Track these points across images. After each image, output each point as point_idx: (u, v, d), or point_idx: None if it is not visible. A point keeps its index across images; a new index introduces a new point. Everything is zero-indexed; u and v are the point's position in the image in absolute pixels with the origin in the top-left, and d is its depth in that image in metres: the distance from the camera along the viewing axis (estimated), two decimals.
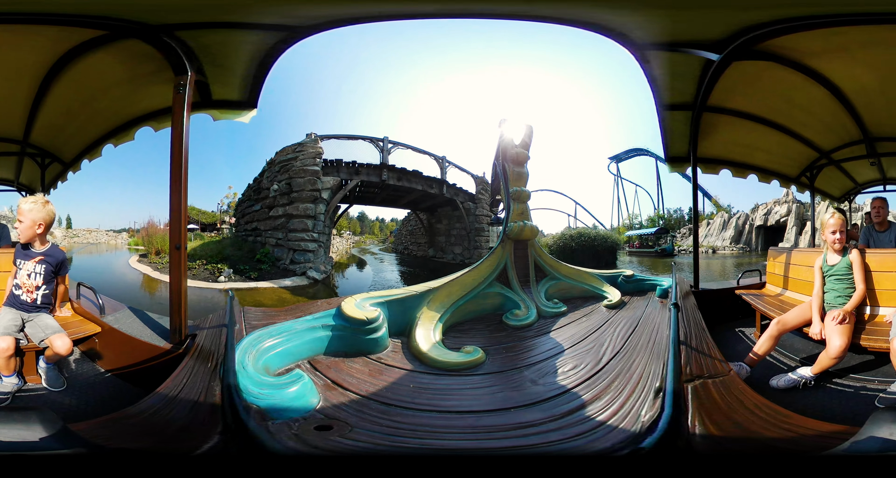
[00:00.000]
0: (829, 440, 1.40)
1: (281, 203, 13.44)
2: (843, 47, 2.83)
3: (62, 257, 2.72)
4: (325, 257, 13.81)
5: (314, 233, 13.02)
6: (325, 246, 13.92)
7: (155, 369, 2.28)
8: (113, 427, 1.56)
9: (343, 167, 14.15)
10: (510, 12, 2.72)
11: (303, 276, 12.34)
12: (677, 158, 4.21)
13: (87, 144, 4.10)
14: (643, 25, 2.73)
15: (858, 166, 4.87)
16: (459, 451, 1.54)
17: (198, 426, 1.51)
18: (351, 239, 41.34)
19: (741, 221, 27.50)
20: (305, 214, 12.95)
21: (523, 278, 3.73)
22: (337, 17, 2.62)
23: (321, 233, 13.32)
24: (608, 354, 2.49)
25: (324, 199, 13.19)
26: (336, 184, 13.64)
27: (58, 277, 2.73)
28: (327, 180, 13.42)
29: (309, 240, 13.01)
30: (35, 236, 2.60)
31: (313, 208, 13.10)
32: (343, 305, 2.50)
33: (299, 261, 12.80)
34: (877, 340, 2.49)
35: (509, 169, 3.84)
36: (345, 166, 14.18)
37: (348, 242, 35.96)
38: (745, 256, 24.86)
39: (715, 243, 27.88)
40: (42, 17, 2.46)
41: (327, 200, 13.30)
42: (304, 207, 12.97)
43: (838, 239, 2.85)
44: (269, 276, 12.21)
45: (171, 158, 2.59)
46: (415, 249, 25.00)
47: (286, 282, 11.89)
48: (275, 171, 13.92)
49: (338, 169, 13.99)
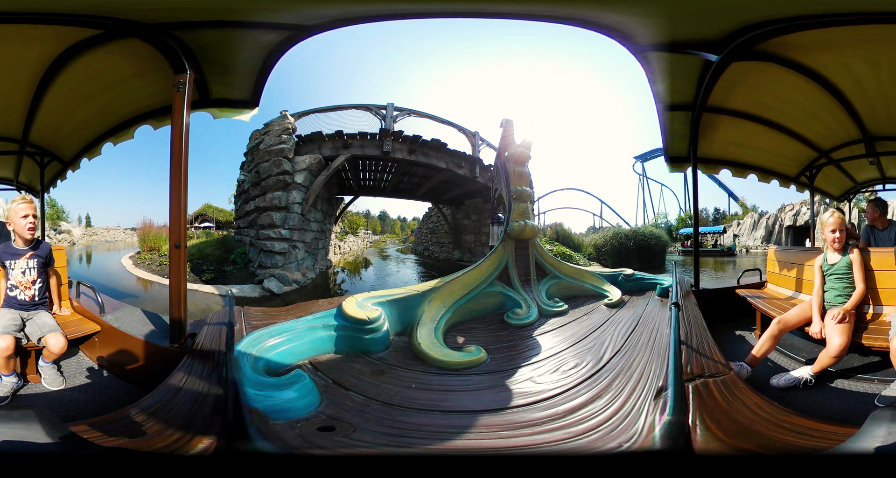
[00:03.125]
0: (830, 440, 1.40)
1: (253, 195, 11.02)
2: (842, 47, 2.83)
3: (49, 248, 2.80)
4: (306, 261, 11.02)
5: (283, 229, 10.10)
6: (308, 246, 11.09)
7: (155, 369, 2.28)
8: (112, 426, 1.55)
9: (325, 141, 10.68)
10: (511, 12, 2.72)
11: (259, 285, 9.72)
12: (677, 157, 4.22)
13: (86, 142, 4.10)
14: (643, 25, 2.73)
15: (858, 166, 4.87)
16: (462, 450, 1.54)
17: (198, 426, 1.50)
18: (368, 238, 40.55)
19: (771, 222, 27.74)
20: (272, 205, 10.16)
21: (524, 277, 3.73)
22: (339, 17, 2.62)
23: (297, 229, 10.36)
24: (609, 353, 2.50)
25: (299, 184, 10.21)
26: (315, 163, 10.36)
27: (49, 269, 2.79)
28: (301, 160, 10.27)
29: (276, 238, 10.12)
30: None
31: (283, 197, 10.15)
32: (344, 304, 2.50)
33: (266, 265, 10.17)
34: (877, 339, 2.49)
35: (510, 168, 3.84)
36: (328, 140, 10.68)
37: (365, 242, 34.96)
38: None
39: (747, 243, 28.08)
40: (42, 17, 2.45)
41: (304, 185, 10.31)
42: (270, 196, 10.19)
43: (837, 238, 2.85)
44: (225, 279, 10.26)
45: (170, 157, 2.58)
46: (436, 251, 21.01)
47: (234, 289, 9.56)
48: (248, 160, 11.69)
49: (319, 145, 10.63)
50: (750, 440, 1.46)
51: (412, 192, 16.18)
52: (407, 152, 11.29)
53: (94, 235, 29.25)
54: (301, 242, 10.63)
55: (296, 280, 10.12)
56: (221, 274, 10.45)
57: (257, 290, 9.50)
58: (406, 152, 11.29)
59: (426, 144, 11.56)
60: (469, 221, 16.41)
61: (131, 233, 29.03)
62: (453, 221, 18.26)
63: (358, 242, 30.33)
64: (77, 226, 30.49)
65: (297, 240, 10.49)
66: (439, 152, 12.02)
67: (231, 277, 10.39)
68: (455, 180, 13.50)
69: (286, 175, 10.14)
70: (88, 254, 19.04)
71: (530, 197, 3.93)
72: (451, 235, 18.62)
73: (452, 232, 18.43)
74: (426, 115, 11.78)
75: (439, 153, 12.03)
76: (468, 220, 16.46)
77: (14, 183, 4.76)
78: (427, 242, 23.61)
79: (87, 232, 29.34)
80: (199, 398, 1.71)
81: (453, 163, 12.36)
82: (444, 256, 19.20)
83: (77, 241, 26.38)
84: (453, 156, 12.32)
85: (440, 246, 20.46)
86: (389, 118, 10.87)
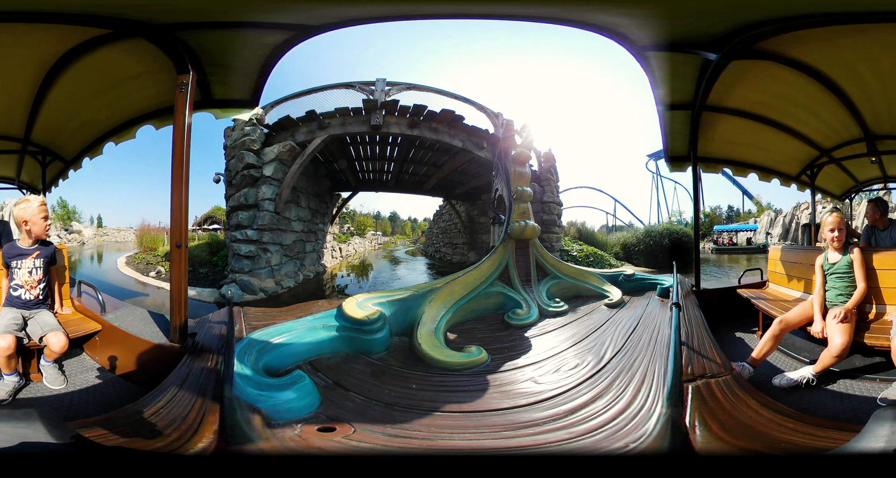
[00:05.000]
0: (832, 440, 1.40)
1: (228, 195, 9.84)
2: (843, 45, 2.82)
3: (54, 248, 2.84)
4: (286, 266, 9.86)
5: (249, 230, 8.88)
6: (288, 249, 9.95)
7: (155, 368, 2.28)
8: (113, 426, 1.55)
9: (298, 126, 9.08)
10: (511, 13, 2.71)
11: (215, 290, 8.65)
12: (678, 157, 4.21)
13: (88, 141, 4.11)
14: (642, 25, 2.72)
15: (859, 164, 4.86)
16: (463, 451, 1.54)
17: (198, 426, 1.50)
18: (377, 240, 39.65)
19: (787, 219, 27.81)
20: (240, 204, 9.02)
21: (525, 278, 3.73)
22: (340, 18, 2.62)
23: (269, 229, 9.06)
24: (609, 354, 2.49)
25: (268, 178, 8.96)
26: (286, 151, 8.91)
27: (51, 268, 2.82)
28: (270, 151, 8.96)
29: (242, 240, 8.89)
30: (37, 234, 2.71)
31: (251, 194, 8.89)
32: (344, 305, 2.50)
33: (235, 269, 9.04)
34: (878, 338, 2.48)
35: (511, 169, 3.84)
36: (301, 124, 9.05)
37: (373, 244, 34.01)
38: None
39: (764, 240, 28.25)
40: (45, 16, 2.45)
41: (276, 178, 9.02)
42: (238, 195, 9.05)
43: (837, 237, 2.85)
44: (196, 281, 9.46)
45: (172, 157, 2.59)
46: (449, 253, 18.95)
47: (192, 292, 8.43)
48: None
49: (292, 132, 9.14)
50: (752, 440, 1.45)
51: (419, 185, 13.65)
52: (407, 127, 8.96)
53: (104, 235, 29.69)
54: (276, 244, 9.35)
55: (263, 288, 8.68)
56: (194, 275, 9.76)
57: (215, 295, 8.40)
58: (406, 127, 8.96)
59: (433, 116, 8.95)
60: (486, 219, 13.95)
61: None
62: (468, 219, 16.03)
63: (365, 243, 29.36)
64: (89, 226, 30.96)
65: (270, 242, 9.16)
66: (454, 128, 9.28)
67: (203, 280, 9.63)
68: (470, 170, 11.33)
69: (252, 169, 8.95)
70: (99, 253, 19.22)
71: (531, 197, 3.92)
72: (465, 235, 16.36)
73: (467, 231, 16.21)
74: (431, 89, 9.02)
75: (454, 130, 9.30)
76: (485, 217, 14.02)
77: (16, 182, 4.77)
78: (438, 243, 21.86)
79: (98, 232, 29.78)
80: (200, 398, 1.71)
81: (472, 142, 9.50)
82: (457, 259, 17.15)
83: (87, 241, 26.63)
84: (472, 133, 9.44)
85: (453, 247, 18.38)
86: (380, 92, 8.77)
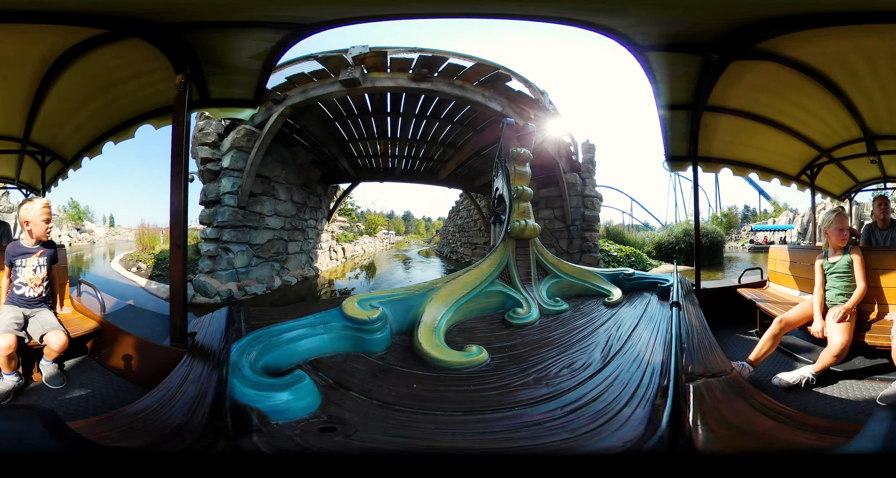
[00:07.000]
0: (832, 439, 1.40)
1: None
2: (843, 45, 2.82)
3: (56, 247, 2.89)
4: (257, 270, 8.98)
5: (209, 228, 8.13)
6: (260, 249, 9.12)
7: (155, 367, 2.28)
8: (112, 425, 1.55)
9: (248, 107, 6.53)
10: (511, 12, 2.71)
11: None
12: (678, 157, 4.21)
13: (87, 141, 4.10)
14: (642, 25, 2.72)
15: (859, 164, 4.86)
16: (464, 451, 1.54)
17: (197, 425, 1.50)
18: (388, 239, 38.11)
19: (805, 220, 27.99)
20: (203, 201, 8.40)
21: (525, 277, 3.73)
22: (338, 16, 2.61)
23: (231, 226, 8.11)
24: (610, 353, 2.49)
25: (227, 169, 8.02)
26: (242, 137, 7.94)
27: (53, 267, 2.85)
28: (226, 141, 8.27)
29: (204, 238, 8.27)
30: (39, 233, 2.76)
31: (213, 190, 8.16)
32: (344, 304, 2.49)
33: (199, 269, 8.33)
34: (879, 337, 2.49)
35: (512, 168, 3.84)
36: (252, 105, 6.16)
37: (384, 243, 32.96)
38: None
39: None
40: (43, 16, 2.45)
41: (236, 168, 8.06)
42: (202, 191, 8.41)
43: (838, 237, 2.85)
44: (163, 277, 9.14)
45: (171, 157, 2.58)
46: (467, 254, 16.59)
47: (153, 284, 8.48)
48: None
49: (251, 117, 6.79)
50: (752, 440, 1.45)
51: (433, 173, 11.38)
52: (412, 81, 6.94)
53: (116, 234, 29.94)
54: (241, 243, 8.33)
55: (220, 292, 7.57)
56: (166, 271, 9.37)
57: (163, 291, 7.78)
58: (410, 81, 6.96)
59: (455, 71, 6.87)
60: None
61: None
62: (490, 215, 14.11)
63: (375, 243, 27.85)
64: (101, 225, 31.15)
65: (232, 241, 8.13)
66: (492, 89, 7.11)
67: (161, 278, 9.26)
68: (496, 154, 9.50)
69: (209, 162, 8.23)
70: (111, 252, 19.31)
71: (531, 196, 3.92)
72: (487, 234, 14.27)
73: (489, 229, 13.39)
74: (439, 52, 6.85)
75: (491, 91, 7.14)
76: None
77: (15, 182, 4.76)
78: (455, 243, 19.35)
79: (109, 232, 30.05)
80: (199, 398, 1.71)
81: (513, 111, 7.43)
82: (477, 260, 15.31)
83: (98, 240, 26.78)
84: (514, 100, 7.37)
85: (472, 247, 16.13)
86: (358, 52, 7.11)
